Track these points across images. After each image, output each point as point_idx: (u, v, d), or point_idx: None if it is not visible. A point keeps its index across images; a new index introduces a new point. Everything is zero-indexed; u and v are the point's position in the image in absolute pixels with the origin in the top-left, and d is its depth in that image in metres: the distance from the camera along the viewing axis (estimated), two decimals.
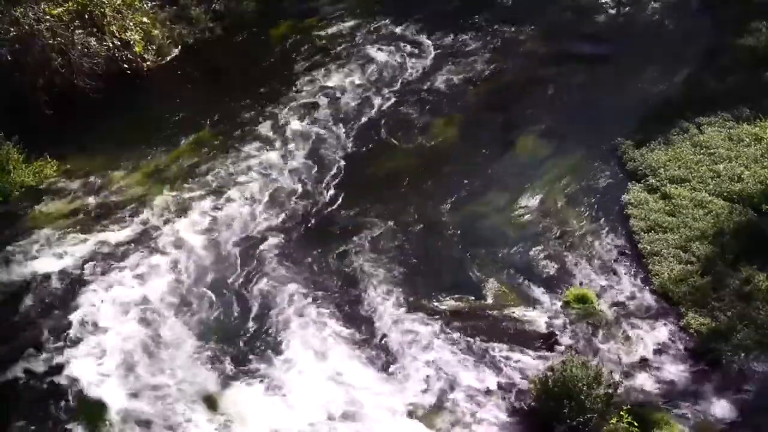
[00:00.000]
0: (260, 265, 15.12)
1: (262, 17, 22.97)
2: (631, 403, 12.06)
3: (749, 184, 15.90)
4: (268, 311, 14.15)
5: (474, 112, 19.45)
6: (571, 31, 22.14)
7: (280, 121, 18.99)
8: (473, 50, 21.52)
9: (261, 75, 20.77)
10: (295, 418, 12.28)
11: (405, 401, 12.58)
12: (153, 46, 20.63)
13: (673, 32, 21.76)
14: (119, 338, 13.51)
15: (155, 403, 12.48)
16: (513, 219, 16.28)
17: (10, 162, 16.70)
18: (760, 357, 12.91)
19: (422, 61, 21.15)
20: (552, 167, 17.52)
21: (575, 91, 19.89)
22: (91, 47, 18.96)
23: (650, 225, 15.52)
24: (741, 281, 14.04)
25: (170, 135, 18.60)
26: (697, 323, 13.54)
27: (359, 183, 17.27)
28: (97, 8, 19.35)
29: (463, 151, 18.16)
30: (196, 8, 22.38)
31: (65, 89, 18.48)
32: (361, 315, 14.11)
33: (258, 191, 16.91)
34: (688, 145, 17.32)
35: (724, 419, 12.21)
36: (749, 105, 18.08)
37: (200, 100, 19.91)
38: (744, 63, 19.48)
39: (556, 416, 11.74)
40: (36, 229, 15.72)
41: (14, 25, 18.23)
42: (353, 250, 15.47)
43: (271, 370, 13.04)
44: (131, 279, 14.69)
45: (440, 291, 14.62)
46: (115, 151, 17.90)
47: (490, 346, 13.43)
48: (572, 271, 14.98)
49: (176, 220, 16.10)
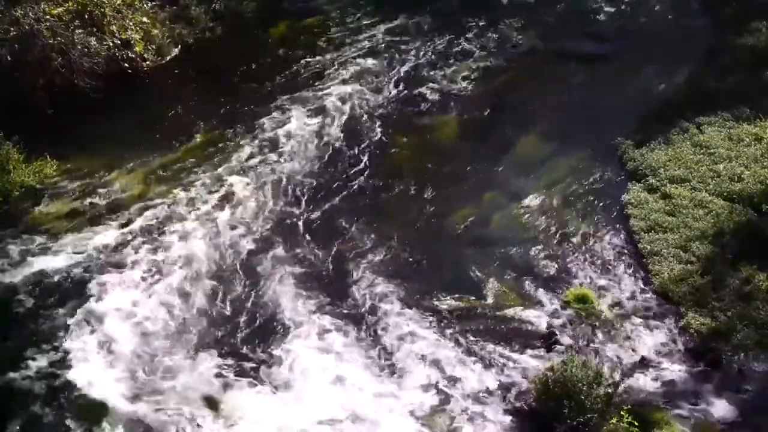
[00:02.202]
0: (261, 265, 15.12)
1: (262, 17, 22.98)
2: (631, 403, 12.05)
3: (749, 184, 15.89)
4: (268, 311, 14.16)
5: (474, 112, 19.44)
6: (571, 30, 22.12)
7: (280, 120, 18.98)
8: (473, 50, 21.50)
9: (261, 75, 20.76)
10: (295, 419, 12.28)
11: (405, 401, 12.58)
12: (153, 45, 20.65)
13: (673, 32, 21.74)
14: (120, 339, 13.51)
15: (156, 403, 12.48)
16: (513, 219, 16.27)
17: (10, 162, 16.68)
18: (760, 357, 12.92)
19: (422, 60, 21.13)
20: (552, 167, 17.52)
21: (575, 91, 19.88)
22: (91, 47, 18.96)
23: (650, 225, 15.52)
24: (741, 281, 14.03)
25: (170, 135, 18.59)
26: (697, 323, 13.54)
27: (359, 183, 17.26)
28: (97, 8, 19.36)
29: (463, 151, 18.16)
30: (196, 8, 22.39)
31: (65, 89, 18.47)
32: (362, 315, 14.11)
33: (258, 191, 16.91)
34: (688, 145, 17.32)
35: (724, 419, 12.20)
36: (749, 105, 18.05)
37: (200, 100, 19.91)
38: (744, 63, 19.45)
39: (556, 416, 11.74)
40: (36, 229, 15.73)
41: (14, 25, 18.23)
42: (353, 250, 15.47)
43: (271, 371, 13.04)
44: (132, 279, 14.69)
45: (440, 291, 14.62)
46: (115, 151, 17.90)
47: (490, 346, 13.44)
48: (572, 271, 14.98)
49: (176, 221, 16.10)
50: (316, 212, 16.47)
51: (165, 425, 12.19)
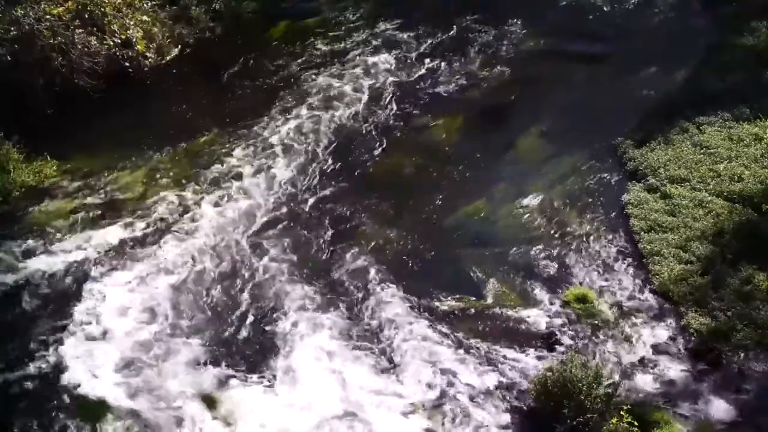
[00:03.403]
0: (261, 264, 15.12)
1: (262, 17, 23.00)
2: (631, 403, 12.04)
3: (749, 184, 15.89)
4: (268, 311, 14.16)
5: (474, 111, 19.45)
6: (571, 30, 22.13)
7: (280, 120, 18.99)
8: (473, 50, 21.53)
9: (261, 75, 20.77)
10: (295, 418, 12.28)
11: (405, 401, 12.58)
12: (153, 44, 20.64)
13: (673, 31, 21.75)
14: (120, 338, 13.52)
15: (156, 403, 12.48)
16: (513, 218, 16.27)
17: (10, 162, 16.68)
18: (760, 357, 12.91)
19: (422, 60, 21.15)
20: (552, 167, 17.52)
21: (575, 90, 19.88)
22: (91, 46, 18.96)
23: (650, 225, 15.52)
24: (741, 281, 14.02)
25: (170, 134, 18.59)
26: (697, 323, 13.54)
27: (359, 183, 17.26)
28: (98, 7, 19.36)
29: (463, 151, 18.15)
30: (196, 8, 22.38)
31: (65, 89, 18.48)
32: (361, 315, 14.11)
33: (258, 191, 16.92)
34: (688, 145, 17.32)
35: (724, 419, 12.19)
36: (749, 105, 18.05)
37: (200, 100, 19.93)
38: (744, 63, 19.46)
39: (556, 416, 11.74)
40: (36, 229, 15.73)
41: (14, 25, 18.23)
42: (353, 250, 15.48)
43: (271, 370, 13.04)
44: (132, 279, 14.69)
45: (440, 291, 14.62)
46: (115, 151, 17.90)
47: (490, 346, 13.44)
48: (572, 271, 14.98)
49: (176, 220, 16.11)
50: (316, 212, 16.47)
51: (164, 425, 12.19)
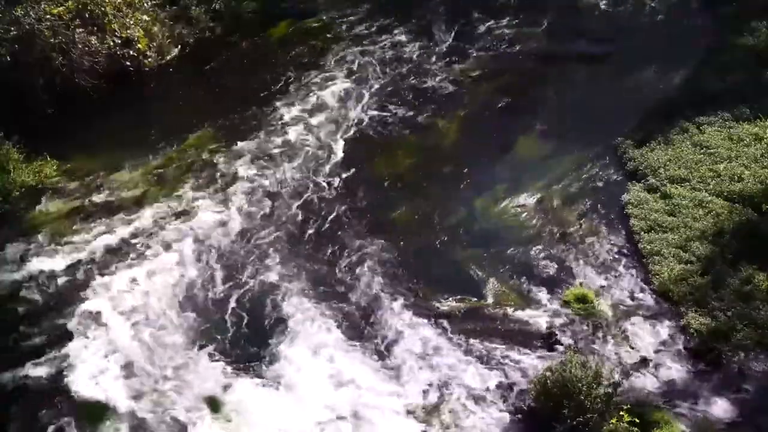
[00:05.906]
0: (261, 265, 15.13)
1: (262, 17, 23.01)
2: (631, 403, 12.05)
3: (749, 184, 15.89)
4: (269, 312, 14.17)
5: (474, 111, 19.44)
6: (571, 30, 22.13)
7: (280, 120, 19.00)
8: (473, 50, 21.51)
9: (261, 74, 20.78)
10: (295, 418, 12.30)
11: (405, 401, 12.60)
12: (153, 44, 20.64)
13: (673, 31, 21.74)
14: (120, 338, 13.53)
15: (156, 403, 12.49)
16: (513, 219, 16.27)
17: (10, 162, 16.72)
18: (760, 357, 12.91)
19: (422, 60, 21.14)
20: (552, 167, 17.52)
21: (575, 90, 19.90)
22: (91, 46, 18.97)
23: (650, 225, 15.52)
24: (741, 281, 14.03)
25: (170, 134, 18.60)
26: (697, 323, 13.54)
27: (359, 183, 17.26)
28: (98, 7, 19.36)
29: (463, 151, 18.16)
30: (196, 8, 22.41)
31: (66, 88, 18.50)
32: (362, 315, 14.12)
33: (259, 191, 16.92)
34: (688, 145, 17.32)
35: (724, 419, 12.20)
36: (749, 105, 18.05)
37: (200, 100, 19.94)
38: (744, 63, 19.45)
39: (555, 416, 11.74)
40: (36, 229, 15.74)
41: (14, 25, 18.24)
42: (353, 250, 15.48)
43: (272, 371, 13.06)
44: (132, 279, 14.71)
45: (441, 291, 14.62)
46: (115, 151, 17.92)
47: (490, 346, 13.45)
48: (572, 271, 14.97)
49: (177, 220, 16.11)
50: (316, 212, 16.47)
51: (165, 425, 12.20)
